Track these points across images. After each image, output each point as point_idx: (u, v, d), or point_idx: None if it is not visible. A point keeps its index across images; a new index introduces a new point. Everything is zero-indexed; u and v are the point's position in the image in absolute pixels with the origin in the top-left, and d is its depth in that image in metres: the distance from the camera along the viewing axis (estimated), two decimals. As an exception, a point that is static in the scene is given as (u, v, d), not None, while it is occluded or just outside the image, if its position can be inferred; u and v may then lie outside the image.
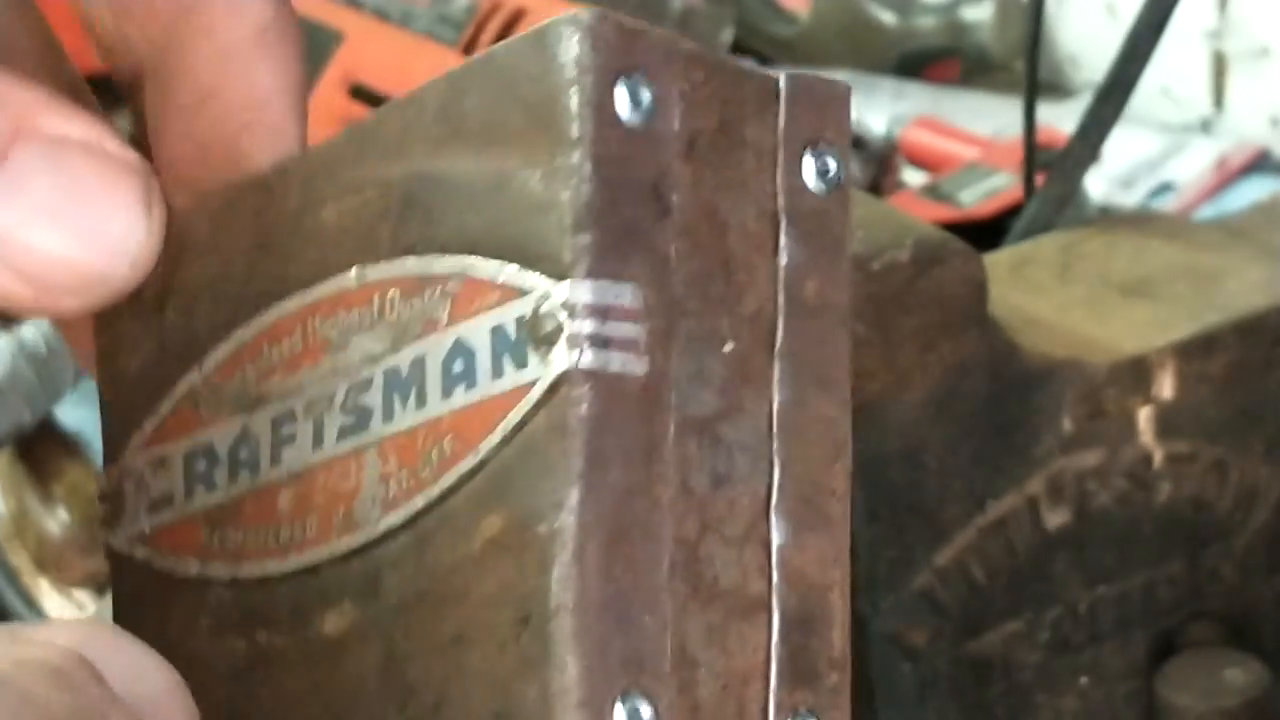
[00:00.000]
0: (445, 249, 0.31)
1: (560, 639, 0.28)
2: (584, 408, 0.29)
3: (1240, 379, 0.64)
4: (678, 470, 0.30)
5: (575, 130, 0.29)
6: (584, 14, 0.30)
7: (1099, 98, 0.72)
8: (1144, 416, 0.63)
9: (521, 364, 0.29)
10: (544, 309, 0.29)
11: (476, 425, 0.30)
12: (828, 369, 0.31)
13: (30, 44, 0.35)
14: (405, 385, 0.31)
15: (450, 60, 1.06)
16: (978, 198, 1.07)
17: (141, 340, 0.35)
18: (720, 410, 0.31)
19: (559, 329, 0.29)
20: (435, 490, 0.30)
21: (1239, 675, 0.63)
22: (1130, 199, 1.14)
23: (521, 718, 0.28)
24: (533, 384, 0.29)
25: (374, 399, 0.31)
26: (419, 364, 0.31)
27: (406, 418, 0.31)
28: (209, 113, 0.34)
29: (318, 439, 0.32)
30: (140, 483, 0.34)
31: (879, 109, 1.18)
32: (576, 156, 0.29)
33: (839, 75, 1.25)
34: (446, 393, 0.30)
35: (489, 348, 0.30)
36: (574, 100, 0.29)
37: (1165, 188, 1.16)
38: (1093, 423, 0.62)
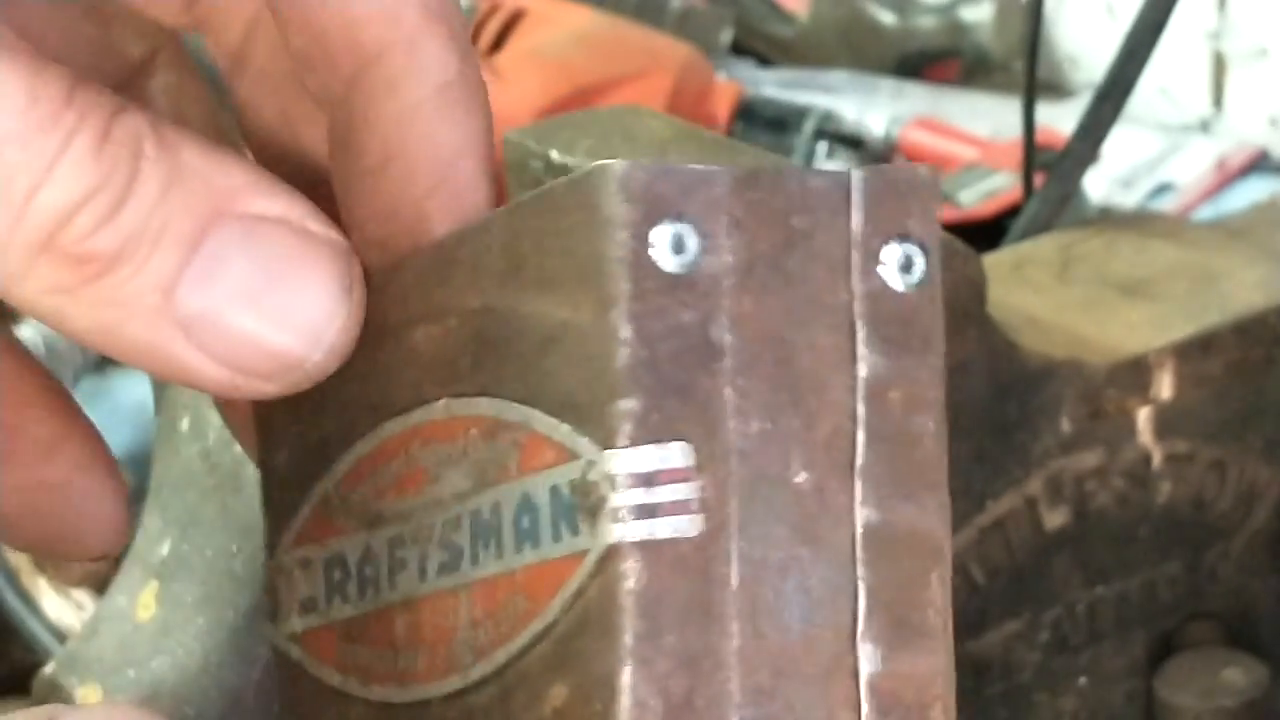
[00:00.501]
0: (513, 395, 0.30)
1: None
2: (631, 581, 0.28)
3: (1239, 379, 0.64)
4: (747, 621, 0.29)
5: (613, 288, 0.28)
6: (619, 164, 0.29)
7: (1098, 98, 0.72)
8: (1143, 417, 0.63)
9: (574, 531, 0.29)
10: (590, 476, 0.29)
11: (542, 586, 0.29)
12: (918, 478, 0.31)
13: (201, 110, 0.34)
14: (486, 531, 0.30)
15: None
16: (977, 198, 1.07)
17: (289, 434, 0.34)
18: (794, 547, 0.30)
19: (603, 500, 0.28)
20: (515, 646, 0.30)
21: (1238, 675, 0.63)
22: (1130, 199, 1.14)
23: None
24: (585, 553, 0.29)
25: (463, 539, 0.31)
26: (496, 510, 0.30)
27: (489, 564, 0.30)
28: (394, 174, 0.33)
29: (422, 570, 0.31)
30: (291, 581, 0.34)
31: (878, 109, 1.18)
32: (614, 316, 0.29)
33: (838, 75, 1.26)
34: (518, 547, 0.30)
35: (549, 508, 0.29)
36: (611, 256, 0.29)
37: (1164, 188, 1.16)
38: (1092, 423, 0.62)
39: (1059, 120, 1.06)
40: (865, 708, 0.30)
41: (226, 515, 0.54)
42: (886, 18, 1.28)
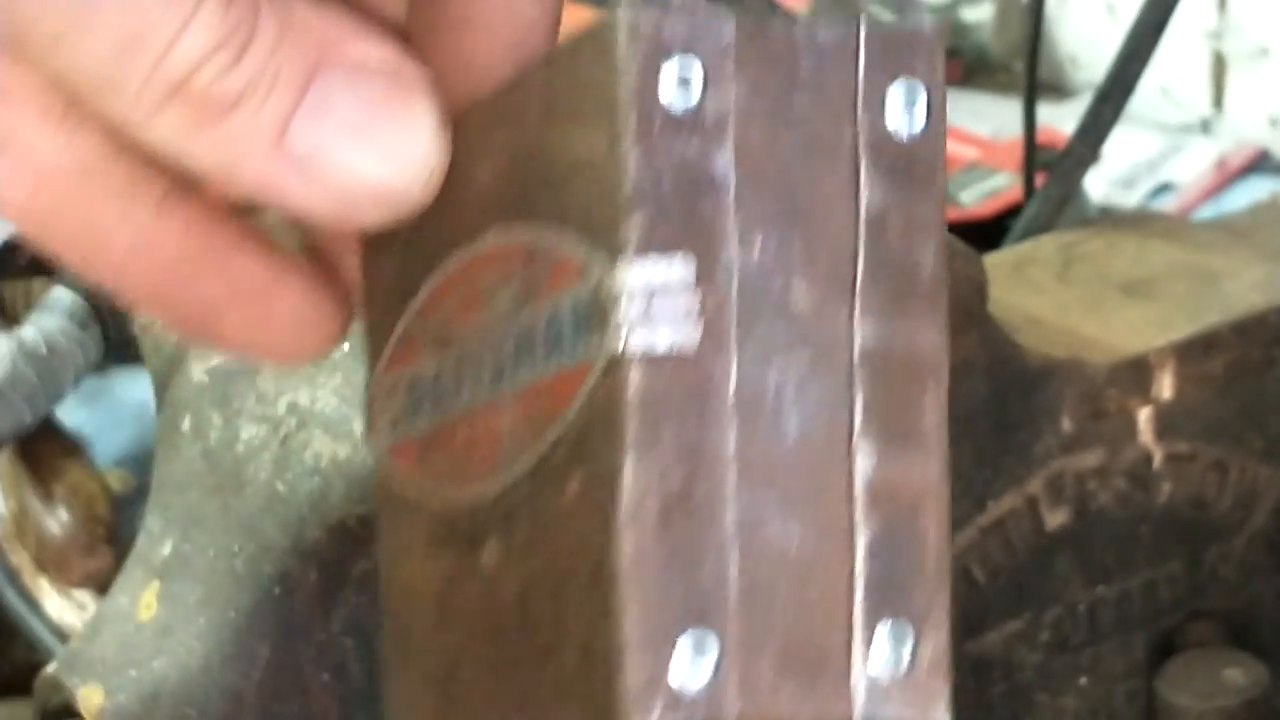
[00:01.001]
0: (548, 221, 0.33)
1: (619, 592, 0.31)
2: (631, 383, 0.31)
3: (1240, 379, 0.65)
4: (746, 422, 0.32)
5: (622, 122, 0.31)
6: (630, 9, 0.32)
7: (1099, 98, 0.72)
8: (1144, 416, 0.63)
9: (588, 341, 0.32)
10: (600, 290, 0.31)
11: (564, 392, 0.32)
12: (917, 300, 0.33)
13: None
14: (527, 344, 0.33)
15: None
16: (978, 198, 1.07)
17: (385, 268, 0.37)
18: (792, 361, 0.32)
19: (609, 311, 0.31)
20: (542, 447, 0.33)
21: (1239, 675, 0.63)
22: (1130, 199, 1.14)
23: (600, 659, 0.31)
24: (594, 360, 0.31)
25: (508, 353, 0.34)
26: (532, 328, 0.33)
27: (526, 375, 0.33)
28: (472, 34, 0.36)
29: (478, 383, 0.35)
30: (384, 400, 0.37)
31: (879, 109, 1.18)
32: (623, 146, 0.31)
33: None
34: (546, 358, 0.33)
35: (571, 322, 0.32)
36: (620, 92, 0.31)
37: (1165, 188, 1.16)
38: (1093, 423, 0.62)
39: (1060, 120, 1.06)
40: (859, 503, 0.32)
41: (228, 515, 0.54)
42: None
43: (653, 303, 0.31)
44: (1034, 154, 0.81)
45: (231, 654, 0.53)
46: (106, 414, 1.00)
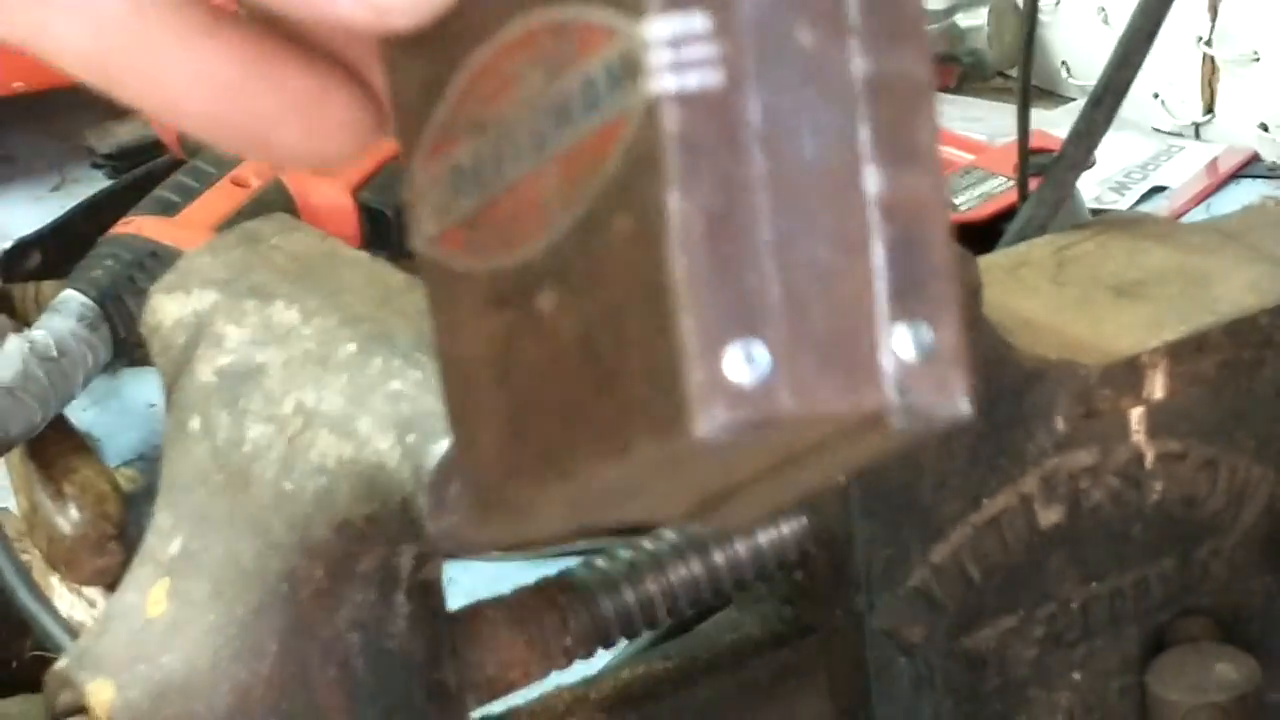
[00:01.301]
0: None
1: (676, 308, 0.35)
2: (668, 123, 0.35)
3: (1231, 379, 0.65)
4: (769, 150, 0.35)
5: None
6: None
7: (1092, 103, 0.73)
8: (1136, 416, 0.63)
9: (624, 94, 0.35)
10: (630, 46, 0.35)
11: (605, 143, 0.36)
12: (904, 31, 0.36)
13: None
14: (563, 111, 0.37)
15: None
16: (972, 201, 1.08)
17: (409, 73, 0.40)
18: (804, 93, 0.36)
19: (640, 63, 0.35)
20: (588, 196, 0.36)
21: (1230, 670, 0.63)
22: (1123, 202, 1.14)
23: (664, 374, 0.35)
24: (632, 109, 0.35)
25: (546, 123, 0.37)
26: (566, 94, 0.37)
27: (566, 138, 0.37)
28: None
29: (519, 156, 0.38)
30: (424, 195, 0.40)
31: (875, 114, 1.19)
32: None
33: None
34: (585, 117, 0.36)
35: (604, 80, 0.36)
36: None
37: (1157, 191, 1.17)
38: (1086, 422, 0.62)
39: (1054, 125, 1.07)
40: (874, 214, 0.36)
41: (235, 513, 0.54)
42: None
43: (680, 52, 0.35)
44: (1028, 158, 0.81)
45: (239, 650, 0.53)
46: (116, 414, 1.00)
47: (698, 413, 0.34)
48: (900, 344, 0.35)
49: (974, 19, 1.27)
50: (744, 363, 0.34)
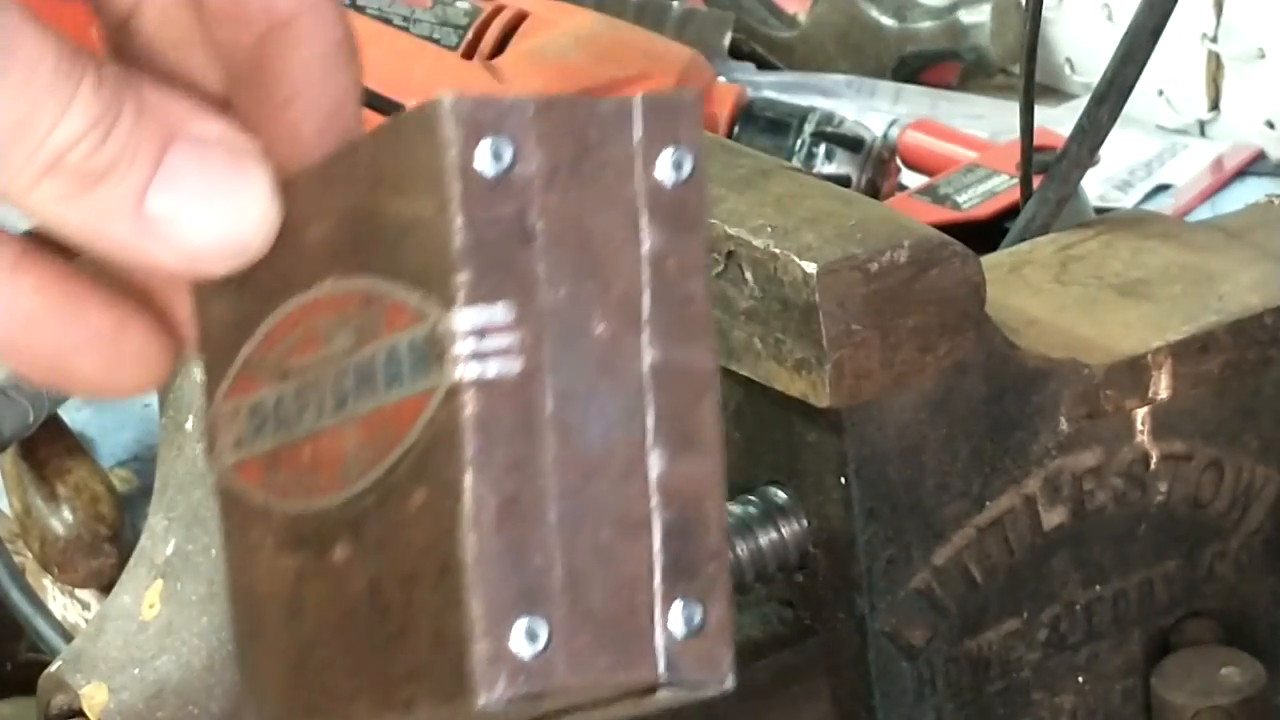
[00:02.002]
0: (381, 273, 0.39)
1: (467, 585, 0.37)
2: (468, 409, 0.37)
3: (1236, 379, 0.65)
4: (560, 436, 0.38)
5: (448, 190, 0.37)
6: (449, 96, 0.38)
7: (1096, 100, 0.72)
8: (1141, 416, 0.63)
9: (427, 374, 0.37)
10: (437, 331, 0.37)
11: (406, 416, 0.38)
12: (692, 326, 0.39)
13: (175, 39, 0.43)
14: (367, 377, 0.39)
15: (451, 63, 1.06)
16: (976, 200, 1.07)
17: (219, 310, 0.42)
18: (595, 381, 0.38)
19: (444, 349, 0.37)
20: (386, 463, 0.38)
21: (1235, 673, 0.63)
22: (1127, 200, 1.14)
23: (451, 644, 0.37)
24: (435, 389, 0.37)
25: (349, 384, 0.39)
26: (372, 362, 0.39)
27: (367, 403, 0.39)
28: (298, 108, 0.42)
29: (320, 410, 0.40)
30: (224, 426, 0.42)
31: (877, 111, 1.19)
32: (451, 210, 0.37)
33: (837, 78, 1.26)
34: (387, 387, 0.38)
35: (408, 357, 0.38)
36: (446, 166, 0.37)
37: (1162, 189, 1.16)
38: (1090, 423, 0.62)
39: (1057, 123, 1.06)
40: (655, 498, 0.38)
41: (231, 514, 0.54)
42: (886, 20, 1.28)
43: (482, 342, 0.37)
44: (1031, 156, 0.81)
45: (234, 652, 0.53)
46: (110, 414, 1.00)
47: (481, 684, 0.36)
48: (674, 621, 0.38)
49: (977, 15, 1.27)
50: (525, 638, 0.37)
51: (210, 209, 0.40)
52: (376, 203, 0.39)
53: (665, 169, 0.39)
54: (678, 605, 0.38)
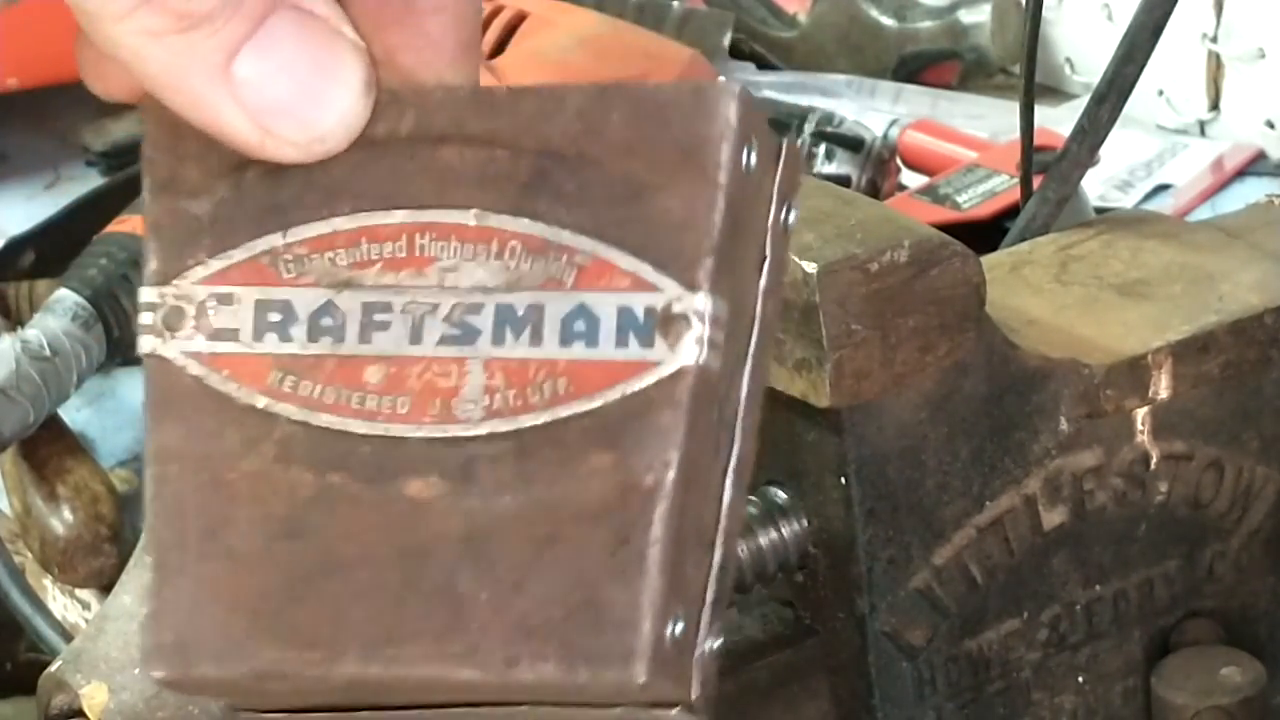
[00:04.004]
0: (573, 227, 0.37)
1: (654, 564, 0.36)
2: (694, 393, 0.37)
3: (1236, 379, 0.65)
4: (742, 434, 0.39)
5: (721, 176, 0.37)
6: (734, 85, 0.38)
7: (1096, 100, 0.72)
8: (1141, 416, 0.63)
9: (647, 345, 0.37)
10: (676, 309, 0.37)
11: (595, 378, 0.37)
12: (767, 358, 0.40)
13: None
14: (519, 322, 0.37)
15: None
16: (976, 200, 1.07)
17: (215, 187, 0.40)
18: (756, 390, 0.39)
19: (688, 328, 0.37)
20: (546, 416, 0.37)
21: (1235, 673, 0.63)
22: (1127, 200, 1.14)
23: (607, 612, 0.36)
24: (656, 364, 0.37)
25: (483, 322, 0.38)
26: (537, 310, 0.37)
27: (518, 349, 0.37)
28: (437, 24, 0.40)
29: (415, 336, 0.38)
30: (201, 309, 0.39)
31: (878, 111, 1.19)
32: (718, 199, 0.37)
33: (838, 78, 1.26)
34: (565, 342, 0.37)
35: (614, 321, 0.37)
36: (724, 152, 0.37)
37: (1162, 189, 1.16)
38: (1090, 423, 0.62)
39: (1057, 122, 1.06)
40: (722, 522, 0.39)
41: (231, 514, 0.54)
42: (886, 20, 1.28)
43: (713, 331, 0.37)
44: (1031, 156, 0.81)
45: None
46: (110, 414, 1.00)
47: (639, 662, 0.36)
48: (706, 643, 0.39)
49: (977, 15, 1.27)
50: (676, 628, 0.37)
51: (299, 87, 0.38)
52: (587, 154, 0.38)
53: (786, 218, 0.40)
54: (706, 630, 0.39)
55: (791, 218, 0.40)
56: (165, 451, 0.39)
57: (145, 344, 0.40)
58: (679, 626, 0.37)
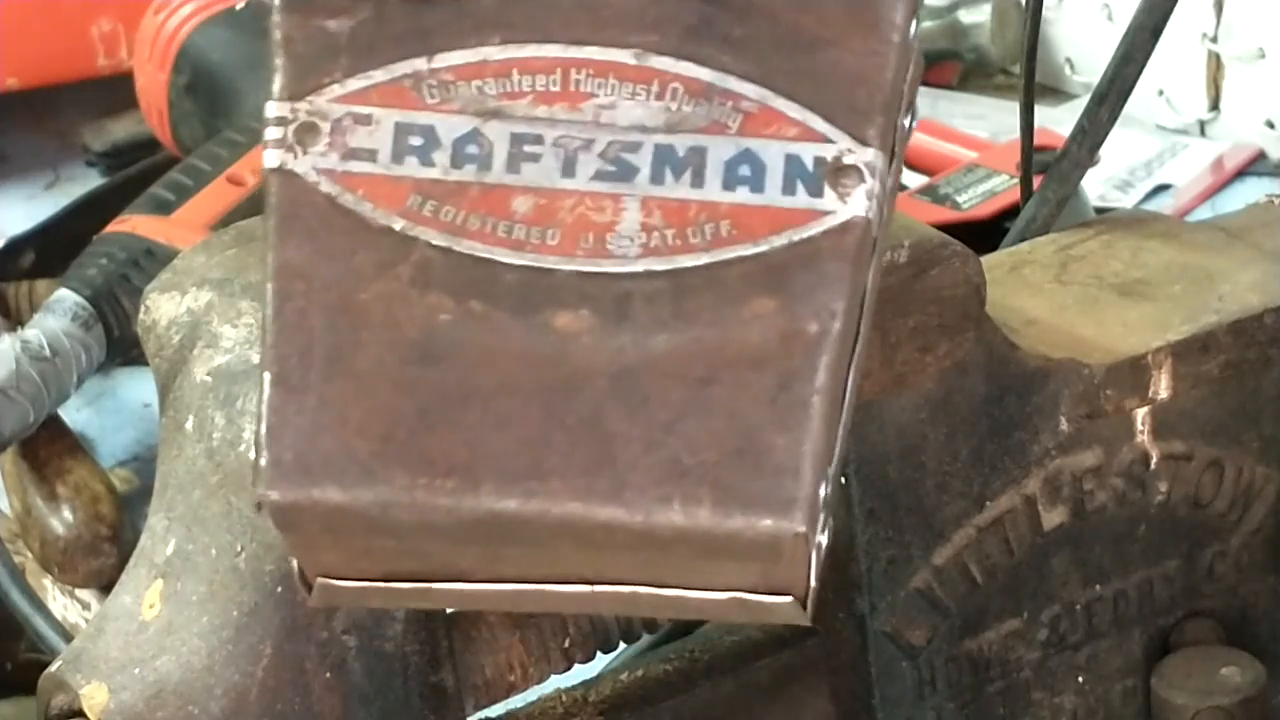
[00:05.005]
0: (739, 74, 0.38)
1: (817, 413, 0.36)
2: (863, 244, 0.37)
3: (1236, 379, 0.65)
4: (864, 303, 0.39)
5: (896, 36, 0.38)
6: None
7: (1096, 100, 0.72)
8: (1141, 416, 0.63)
9: (816, 194, 0.37)
10: (848, 160, 0.38)
11: (760, 224, 0.37)
12: (883, 248, 0.41)
13: None
14: (680, 163, 0.38)
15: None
16: (976, 200, 1.07)
17: (356, 8, 0.39)
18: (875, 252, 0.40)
19: (859, 181, 0.37)
20: (707, 258, 0.37)
21: (1235, 673, 0.63)
22: (1127, 200, 1.14)
23: (767, 457, 0.36)
24: (825, 213, 0.37)
25: (641, 161, 0.38)
26: (698, 152, 0.38)
27: (678, 189, 0.38)
28: None
29: (568, 169, 0.38)
30: (337, 127, 0.39)
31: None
32: (891, 59, 0.38)
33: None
34: (728, 186, 0.38)
35: (781, 168, 0.37)
36: (899, 14, 0.38)
37: (1162, 189, 1.16)
38: (1090, 423, 0.62)
39: (1058, 122, 1.06)
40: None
41: (231, 514, 0.54)
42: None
43: (878, 185, 0.38)
44: (1031, 156, 0.81)
45: (234, 652, 0.53)
46: (110, 414, 1.00)
47: (798, 511, 0.36)
48: None
49: (977, 15, 1.27)
50: (826, 489, 0.38)
51: None
52: (769, 8, 0.38)
53: (909, 122, 0.41)
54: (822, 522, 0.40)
55: (913, 124, 0.40)
56: (289, 267, 0.38)
57: (271, 158, 0.39)
58: (829, 488, 0.37)
